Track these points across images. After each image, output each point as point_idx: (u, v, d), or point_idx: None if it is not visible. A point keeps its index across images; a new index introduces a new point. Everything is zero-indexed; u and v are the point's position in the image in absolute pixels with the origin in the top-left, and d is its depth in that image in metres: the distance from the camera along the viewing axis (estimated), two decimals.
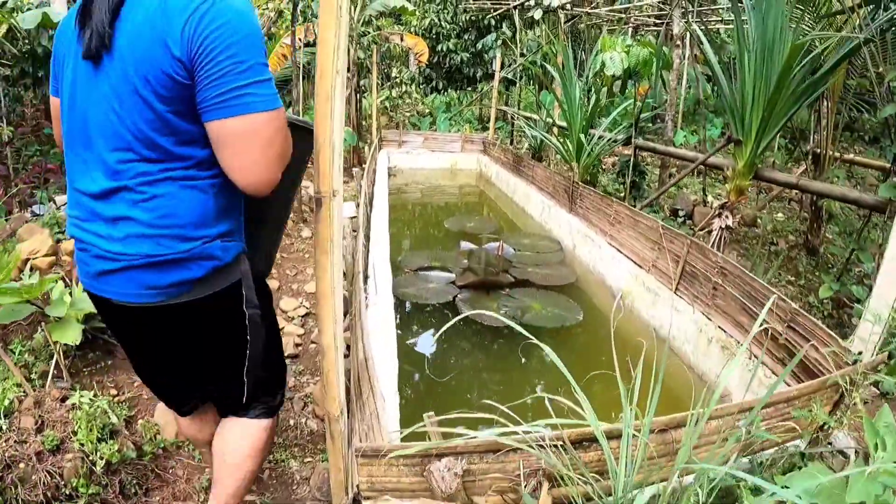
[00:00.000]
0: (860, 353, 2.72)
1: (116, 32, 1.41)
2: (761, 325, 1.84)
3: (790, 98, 4.26)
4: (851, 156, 7.34)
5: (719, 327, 3.80)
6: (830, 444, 2.38)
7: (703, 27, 5.49)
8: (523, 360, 3.91)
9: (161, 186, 1.49)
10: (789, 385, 3.03)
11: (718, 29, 9.96)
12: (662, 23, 10.51)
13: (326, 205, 1.52)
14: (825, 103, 5.61)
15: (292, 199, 2.10)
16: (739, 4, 4.47)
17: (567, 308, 4.56)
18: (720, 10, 9.22)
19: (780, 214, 8.23)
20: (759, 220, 7.52)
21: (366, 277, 3.52)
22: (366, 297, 3.15)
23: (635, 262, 4.85)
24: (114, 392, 3.07)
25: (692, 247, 4.20)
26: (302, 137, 1.71)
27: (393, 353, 2.62)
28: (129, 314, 1.64)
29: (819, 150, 6.80)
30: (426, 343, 4.08)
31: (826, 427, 2.26)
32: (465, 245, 5.93)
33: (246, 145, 1.45)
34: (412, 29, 14.29)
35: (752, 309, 3.55)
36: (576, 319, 4.39)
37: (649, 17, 10.55)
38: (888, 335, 2.72)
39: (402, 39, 11.34)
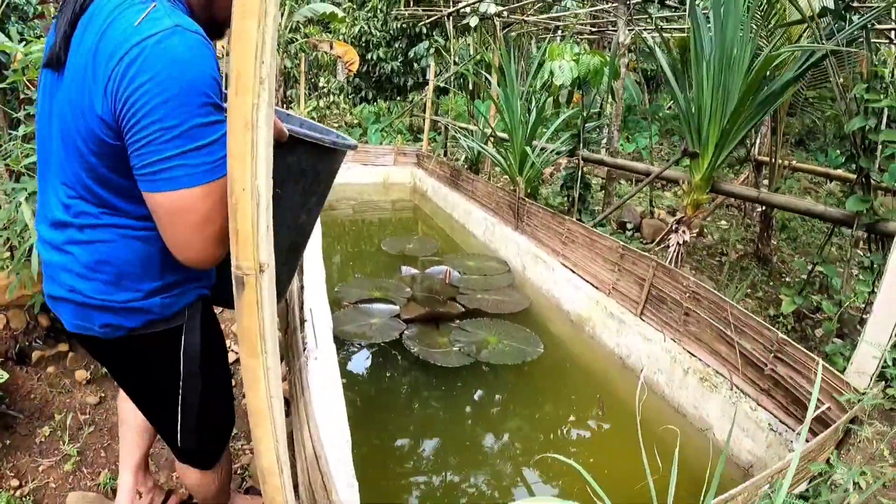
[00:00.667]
0: (868, 387, 2.53)
1: (71, 49, 1.26)
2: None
3: (753, 109, 4.04)
4: (794, 162, 7.28)
5: (694, 355, 3.53)
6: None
7: (649, 35, 5.27)
8: (493, 410, 3.51)
9: (102, 232, 1.38)
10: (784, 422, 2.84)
11: (655, 38, 9.88)
12: (600, 31, 10.39)
13: (252, 286, 1.06)
14: (776, 113, 5.46)
15: (307, 226, 1.88)
16: (703, 12, 4.26)
17: (525, 340, 4.17)
18: (660, 19, 9.11)
19: (723, 222, 8.13)
20: (705, 230, 7.36)
21: (302, 321, 3.03)
22: (305, 350, 2.67)
23: (594, 285, 4.52)
24: (15, 483, 2.54)
25: (658, 269, 3.90)
26: (318, 155, 1.63)
27: (343, 428, 2.17)
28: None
29: (765, 159, 6.71)
30: (376, 396, 3.59)
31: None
32: (407, 270, 5.47)
33: (176, 223, 1.25)
34: (341, 36, 13.78)
35: (729, 336, 3.29)
36: (536, 353, 4.01)
37: (584, 25, 10.40)
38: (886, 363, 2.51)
39: (331, 47, 10.80)
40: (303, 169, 1.67)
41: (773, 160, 5.74)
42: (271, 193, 1.13)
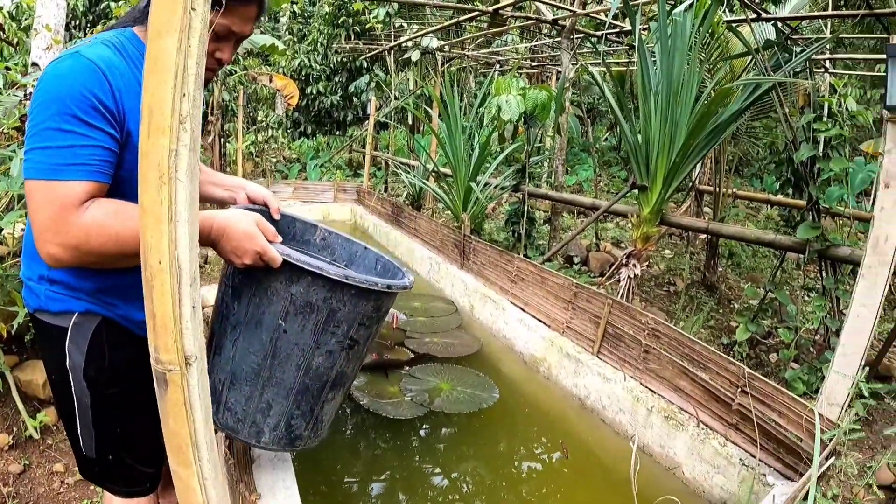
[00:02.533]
0: (841, 421, 2.48)
1: None
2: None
3: (702, 141, 4.00)
4: (735, 190, 7.38)
5: (656, 393, 3.39)
6: None
7: (592, 68, 5.24)
8: (452, 462, 3.26)
9: None
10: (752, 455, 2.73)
11: (596, 71, 10.01)
12: (540, 65, 10.46)
13: (176, 384, 0.82)
14: (719, 144, 5.49)
15: (327, 371, 1.73)
16: (648, 47, 4.25)
17: (479, 385, 3.95)
18: (598, 53, 9.23)
19: (667, 251, 8.15)
20: (650, 260, 7.34)
21: None
22: None
23: (546, 325, 4.36)
24: None
25: (614, 306, 3.77)
26: (329, 289, 1.57)
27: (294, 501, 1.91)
28: None
29: (707, 188, 6.76)
30: (328, 457, 3.29)
31: None
32: None
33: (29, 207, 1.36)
34: (281, 70, 13.52)
35: (692, 372, 3.17)
36: (492, 398, 3.79)
37: (525, 59, 10.45)
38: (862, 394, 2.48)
39: (270, 80, 10.52)
40: (311, 303, 1.57)
41: (717, 189, 5.76)
42: (196, 267, 0.90)
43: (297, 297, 1.56)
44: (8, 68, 4.36)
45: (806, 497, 1.78)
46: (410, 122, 10.68)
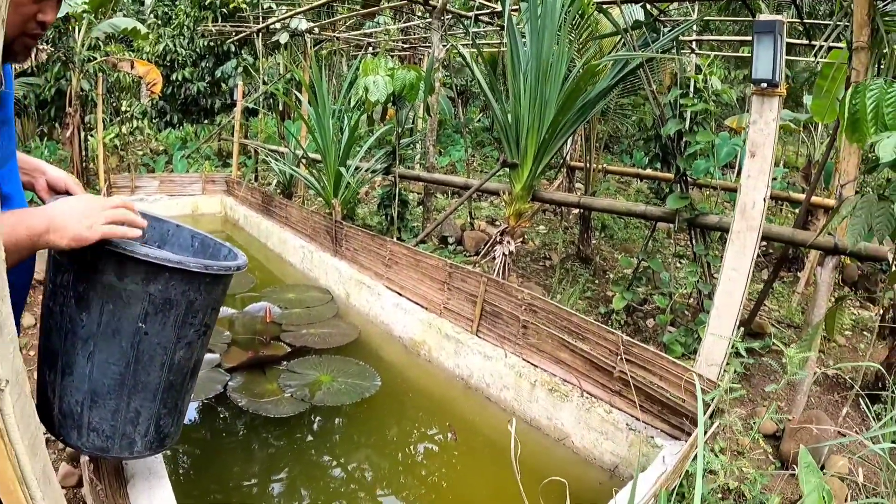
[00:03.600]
0: (721, 380, 2.52)
1: None
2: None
3: (571, 118, 4.05)
4: (605, 166, 7.61)
5: (538, 367, 3.42)
6: None
7: (463, 50, 5.19)
8: (340, 456, 3.13)
9: None
10: (643, 421, 2.84)
11: (467, 53, 10.04)
12: (412, 47, 10.34)
13: None
14: (589, 121, 5.60)
15: (186, 362, 1.67)
16: (518, 27, 4.24)
17: (360, 374, 3.83)
18: (471, 34, 9.23)
19: (542, 227, 8.30)
20: (525, 236, 7.44)
21: None
22: None
23: (424, 307, 4.28)
24: None
25: (490, 284, 3.74)
26: (188, 282, 1.52)
27: None
28: None
29: (577, 164, 6.91)
30: (209, 465, 3.04)
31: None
32: (223, 311, 4.91)
33: None
34: (144, 55, 12.61)
35: (572, 344, 3.22)
36: (375, 386, 3.70)
37: (396, 41, 10.31)
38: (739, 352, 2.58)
39: (132, 67, 9.75)
40: (170, 299, 1.51)
41: (588, 165, 5.88)
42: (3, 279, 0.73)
43: (156, 296, 1.49)
44: None
45: (696, 458, 1.80)
46: (280, 108, 10.29)
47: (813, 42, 5.40)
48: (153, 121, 13.42)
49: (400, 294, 4.55)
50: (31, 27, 1.32)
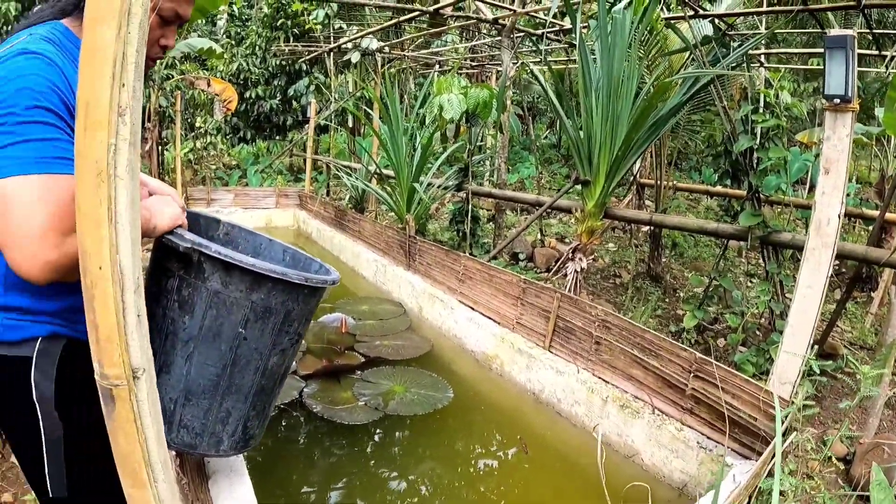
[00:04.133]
0: (794, 398, 2.53)
1: None
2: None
3: (644, 135, 4.06)
4: (675, 182, 7.53)
5: (610, 383, 3.43)
6: None
7: (533, 67, 5.27)
8: (411, 465, 3.20)
9: None
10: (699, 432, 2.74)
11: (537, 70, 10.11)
12: (480, 65, 10.48)
13: (124, 400, 0.76)
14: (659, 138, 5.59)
15: (279, 368, 1.76)
16: (588, 45, 4.30)
17: (433, 386, 3.91)
18: (541, 52, 9.30)
19: (611, 244, 8.26)
20: (595, 254, 7.43)
21: None
22: None
23: (496, 322, 4.35)
24: None
25: (563, 300, 3.78)
26: (287, 292, 1.61)
27: None
28: None
29: (648, 181, 6.87)
30: (283, 468, 3.18)
31: None
32: None
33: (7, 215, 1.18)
34: (219, 74, 13.18)
35: (645, 361, 3.22)
36: (447, 399, 3.77)
37: (464, 59, 10.47)
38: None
39: (208, 85, 10.24)
40: (270, 308, 1.59)
41: (659, 182, 5.85)
42: (139, 272, 0.84)
43: (258, 304, 1.58)
44: None
45: (770, 474, 1.80)
46: (351, 124, 10.56)
47: (883, 52, 5.26)
48: (227, 136, 13.95)
49: (473, 308, 4.62)
50: (155, 51, 1.48)
